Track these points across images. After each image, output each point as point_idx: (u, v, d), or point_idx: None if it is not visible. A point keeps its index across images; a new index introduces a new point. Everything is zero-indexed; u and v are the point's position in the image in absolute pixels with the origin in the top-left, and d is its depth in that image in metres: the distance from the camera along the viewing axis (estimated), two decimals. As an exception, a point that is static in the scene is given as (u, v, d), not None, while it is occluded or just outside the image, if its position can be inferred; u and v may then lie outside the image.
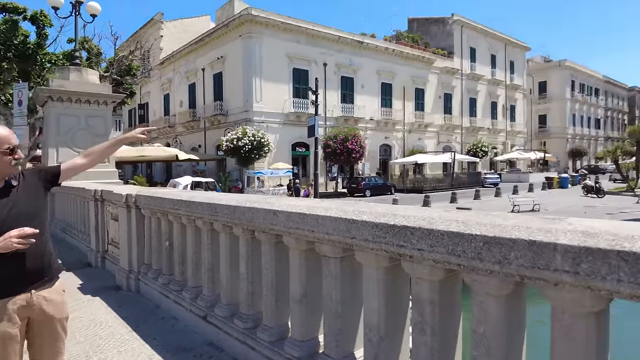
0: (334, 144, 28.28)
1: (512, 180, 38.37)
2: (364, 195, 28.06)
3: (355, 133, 29.12)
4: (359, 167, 33.25)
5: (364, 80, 34.56)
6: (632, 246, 1.10)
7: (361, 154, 29.33)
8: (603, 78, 67.06)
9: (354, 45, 33.80)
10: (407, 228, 1.64)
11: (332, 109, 32.36)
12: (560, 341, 1.35)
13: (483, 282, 1.46)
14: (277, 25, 29.59)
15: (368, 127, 34.71)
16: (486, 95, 46.62)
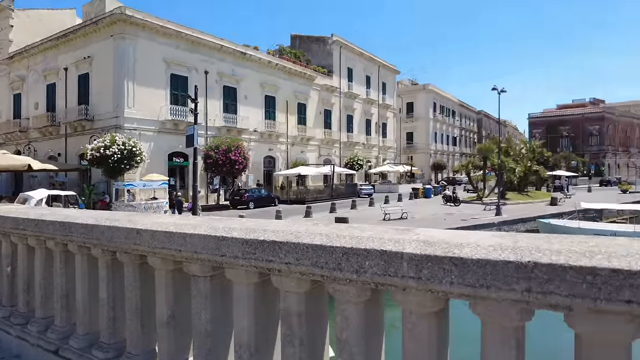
0: (215, 155, 27.55)
1: (384, 191, 41.80)
2: (247, 208, 27.80)
3: (238, 144, 28.81)
4: (242, 179, 32.87)
5: (248, 91, 34.52)
6: (460, 252, 1.28)
7: (245, 165, 29.09)
8: (458, 102, 77.43)
9: (237, 55, 33.60)
10: (275, 243, 1.67)
11: (214, 119, 31.58)
12: (408, 340, 1.50)
13: (344, 290, 1.55)
14: (155, 28, 27.96)
15: (252, 138, 34.66)
16: (362, 112, 50.22)
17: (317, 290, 1.78)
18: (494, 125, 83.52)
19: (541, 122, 79.29)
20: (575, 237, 1.37)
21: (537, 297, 1.20)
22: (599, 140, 73.21)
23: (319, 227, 1.74)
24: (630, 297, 1.10)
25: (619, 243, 1.25)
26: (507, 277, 1.22)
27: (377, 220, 21.56)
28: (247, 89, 34.44)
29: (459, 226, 19.66)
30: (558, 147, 70.79)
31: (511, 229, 22.24)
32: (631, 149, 79.14)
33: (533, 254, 1.22)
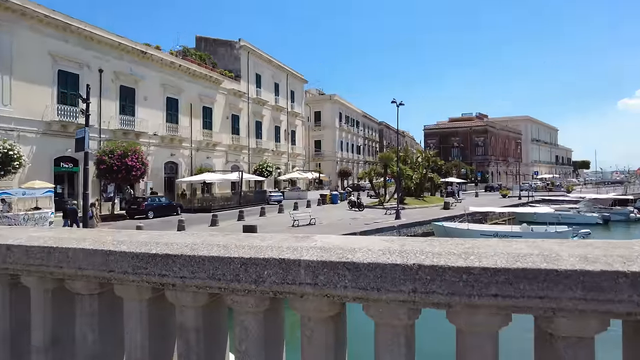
0: (110, 160, 25.42)
1: (293, 197, 42.22)
2: (146, 217, 26.06)
3: (136, 148, 26.93)
4: (140, 186, 30.75)
5: (148, 92, 32.50)
6: (353, 257, 1.34)
7: (143, 172, 27.26)
8: (362, 113, 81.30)
9: (136, 54, 31.50)
10: (169, 256, 1.58)
11: (109, 121, 29.18)
12: (307, 347, 1.52)
13: (242, 301, 1.53)
14: (38, 17, 25.05)
15: (152, 142, 32.65)
16: (271, 119, 50.25)
17: (215, 303, 1.73)
18: (393, 135, 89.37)
19: (435, 133, 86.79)
20: (454, 239, 1.51)
21: (421, 296, 1.30)
22: (484, 150, 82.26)
23: (217, 237, 1.70)
24: (496, 291, 1.24)
25: (489, 244, 1.42)
26: (395, 279, 1.30)
27: (286, 227, 21.66)
28: (147, 90, 32.42)
29: (362, 230, 20.59)
30: (450, 156, 78.06)
31: (409, 231, 23.89)
32: (509, 158, 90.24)
33: (417, 257, 1.32)
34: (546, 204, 38.51)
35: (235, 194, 37.06)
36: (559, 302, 1.21)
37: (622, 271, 1.17)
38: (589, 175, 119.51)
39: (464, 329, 1.39)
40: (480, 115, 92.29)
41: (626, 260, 1.20)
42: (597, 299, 1.18)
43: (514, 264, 1.24)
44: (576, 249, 1.31)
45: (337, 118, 69.01)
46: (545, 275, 1.21)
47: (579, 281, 1.19)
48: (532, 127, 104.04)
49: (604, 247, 1.32)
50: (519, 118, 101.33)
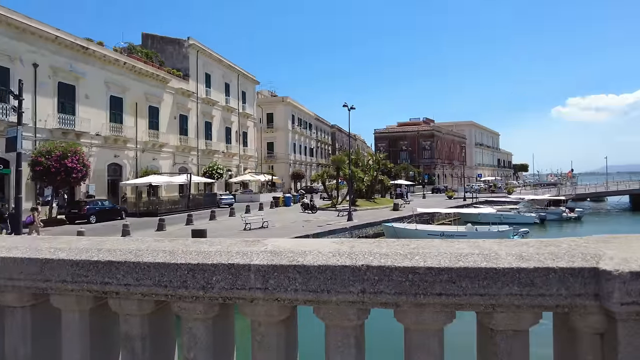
0: (47, 162, 23.80)
1: (245, 200, 41.60)
2: (88, 222, 24.66)
3: (77, 149, 25.42)
4: (82, 189, 29.07)
5: (90, 90, 30.80)
6: (304, 260, 1.35)
7: (84, 174, 25.77)
8: (314, 115, 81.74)
9: (76, 49, 29.77)
10: (112, 263, 1.51)
11: (46, 119, 27.35)
12: (258, 351, 1.51)
13: (190, 308, 1.49)
14: (-39, 6, 23.00)
15: (94, 143, 30.98)
16: (221, 120, 49.25)
17: (162, 310, 1.67)
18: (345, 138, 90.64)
19: (385, 137, 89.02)
20: (401, 240, 1.56)
21: (370, 297, 1.33)
22: (431, 154, 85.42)
23: (163, 243, 1.64)
24: (440, 290, 1.30)
25: (433, 244, 1.48)
26: (344, 280, 1.32)
27: (237, 231, 21.30)
28: (89, 88, 30.71)
29: (315, 232, 20.69)
30: (399, 159, 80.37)
31: (361, 232, 24.31)
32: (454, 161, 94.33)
33: (366, 258, 1.35)
34: (489, 204, 40.65)
35: (184, 197, 35.94)
36: (498, 298, 1.28)
37: (552, 267, 1.27)
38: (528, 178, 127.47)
39: (411, 327, 1.43)
40: (427, 120, 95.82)
41: (555, 257, 1.30)
42: (531, 294, 1.27)
43: (456, 263, 1.30)
44: (513, 248, 1.40)
45: (290, 120, 68.94)
46: (485, 273, 1.28)
47: (516, 278, 1.27)
48: (476, 131, 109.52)
49: (537, 246, 1.41)
50: (463, 123, 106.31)
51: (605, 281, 1.21)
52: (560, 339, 1.47)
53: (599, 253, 1.30)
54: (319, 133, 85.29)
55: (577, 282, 1.24)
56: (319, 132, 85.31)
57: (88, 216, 24.97)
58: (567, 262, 1.27)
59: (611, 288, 1.19)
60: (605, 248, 1.34)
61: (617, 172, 74.74)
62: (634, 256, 1.25)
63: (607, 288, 1.20)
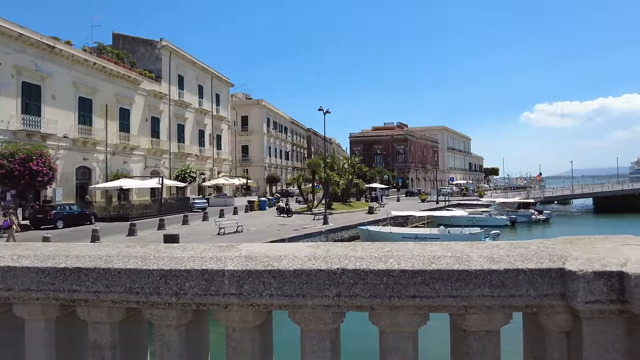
0: (10, 164, 22.85)
1: (219, 204, 41.07)
2: (55, 228, 23.79)
3: (42, 152, 24.52)
4: (48, 193, 28.04)
5: (57, 91, 29.80)
6: (279, 265, 1.34)
7: (51, 177, 24.87)
8: (290, 119, 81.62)
9: (42, 48, 28.77)
10: (81, 270, 1.46)
11: (9, 120, 26.28)
12: (232, 357, 1.48)
13: (162, 315, 1.45)
14: None
15: (61, 145, 29.97)
16: (194, 123, 48.52)
17: (133, 317, 1.62)
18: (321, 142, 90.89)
19: (360, 141, 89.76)
20: (375, 243, 1.57)
21: (345, 300, 1.34)
22: (404, 157, 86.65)
23: (134, 248, 1.60)
24: (414, 292, 1.32)
25: (407, 247, 1.49)
26: (320, 284, 1.32)
27: (211, 235, 20.99)
28: (56, 88, 29.71)
29: (291, 236, 20.62)
30: (373, 162, 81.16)
31: (337, 236, 24.38)
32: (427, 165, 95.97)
33: (341, 261, 1.36)
34: (461, 207, 41.51)
35: (155, 201, 35.16)
36: (470, 299, 1.31)
37: (521, 269, 1.30)
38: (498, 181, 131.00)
39: (386, 330, 1.44)
40: (400, 125, 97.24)
41: (524, 259, 1.33)
42: (502, 295, 1.30)
43: (429, 266, 1.32)
44: (484, 250, 1.43)
45: (265, 123, 68.59)
46: (458, 275, 1.31)
47: (487, 279, 1.30)
48: (448, 136, 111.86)
49: (507, 248, 1.45)
50: (436, 128, 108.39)
51: (571, 281, 1.25)
52: (530, 338, 1.52)
53: (565, 254, 1.35)
54: (295, 136, 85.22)
55: (545, 283, 1.28)
56: (295, 135, 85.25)
57: (55, 221, 24.07)
58: (536, 263, 1.31)
59: (576, 288, 1.24)
60: (570, 249, 1.39)
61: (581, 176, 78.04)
62: (597, 257, 1.30)
63: (572, 288, 1.25)
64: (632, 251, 1.34)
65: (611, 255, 1.30)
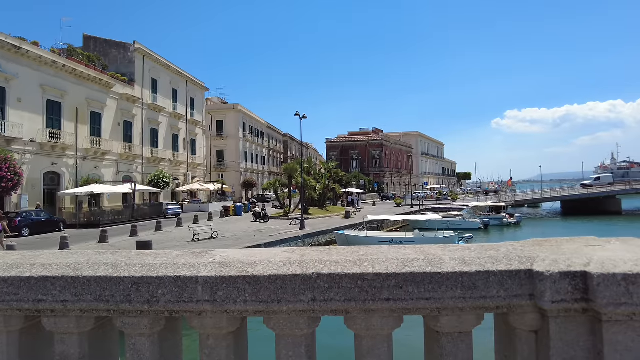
0: (-28, 170, 21.89)
1: (193, 210, 40.39)
2: (20, 235, 22.86)
3: (6, 156, 23.58)
4: (12, 200, 26.95)
5: (23, 93, 28.74)
6: (254, 270, 1.33)
7: (16, 183, 23.93)
8: (266, 123, 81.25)
9: (7, 48, 27.75)
10: (47, 279, 1.41)
11: (-28, 125, 25.18)
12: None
13: (134, 323, 1.42)
14: None
15: (27, 150, 28.89)
16: (168, 127, 47.69)
17: (104, 327, 1.58)
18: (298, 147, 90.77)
19: (336, 146, 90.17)
20: (350, 247, 1.58)
21: (321, 305, 1.34)
22: (380, 162, 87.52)
23: (104, 255, 1.56)
24: (388, 295, 1.33)
25: (381, 251, 1.51)
26: (295, 289, 1.32)
27: (185, 242, 20.61)
28: (22, 91, 28.65)
29: (267, 242, 20.46)
30: (350, 167, 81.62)
31: (313, 240, 24.34)
32: (402, 170, 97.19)
33: (317, 266, 1.36)
34: (435, 211, 42.19)
35: (128, 207, 34.27)
36: (443, 301, 1.34)
37: (492, 270, 1.34)
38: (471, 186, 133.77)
39: (361, 333, 1.45)
40: (376, 130, 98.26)
41: (495, 261, 1.37)
42: (474, 296, 1.33)
43: (403, 269, 1.34)
44: (456, 253, 1.46)
45: (241, 128, 68.06)
46: (431, 278, 1.33)
47: (459, 282, 1.33)
48: (422, 141, 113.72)
49: (478, 250, 1.49)
50: (410, 133, 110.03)
51: (539, 282, 1.29)
52: (500, 338, 1.55)
53: (533, 256, 1.39)
54: (271, 141, 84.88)
55: (515, 284, 1.32)
56: (271, 140, 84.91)
57: (20, 229, 23.11)
58: (506, 265, 1.35)
59: (544, 288, 1.28)
60: (539, 251, 1.44)
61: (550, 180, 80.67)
62: (563, 257, 1.35)
63: (540, 288, 1.29)
64: (595, 252, 1.39)
65: (576, 256, 1.35)
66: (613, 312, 1.24)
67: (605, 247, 1.47)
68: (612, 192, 56.21)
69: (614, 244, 1.50)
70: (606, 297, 1.22)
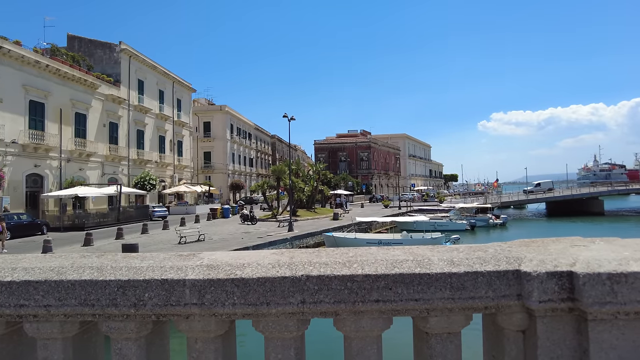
0: (-48, 172, 21.35)
1: (180, 212, 40.00)
2: (1, 238, 22.31)
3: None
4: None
5: (4, 93, 28.17)
6: (242, 273, 1.32)
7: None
8: (254, 125, 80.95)
9: (-11, 49, 27.18)
10: (29, 283, 1.38)
11: (-48, 126, 24.59)
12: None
13: (120, 327, 1.39)
14: None
15: (9, 151, 28.31)
16: (154, 128, 47.20)
17: (88, 331, 1.55)
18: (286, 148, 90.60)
19: (324, 148, 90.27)
20: (339, 249, 1.58)
21: (310, 307, 1.33)
22: (368, 164, 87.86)
23: (89, 259, 1.53)
24: (377, 297, 1.33)
25: (370, 252, 1.51)
26: (284, 291, 1.31)
27: (172, 244, 20.39)
28: (4, 91, 28.06)
29: (255, 244, 20.37)
30: (338, 169, 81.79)
31: (302, 242, 24.30)
32: (389, 172, 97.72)
33: (306, 268, 1.35)
34: (422, 213, 42.49)
35: (113, 210, 33.80)
36: (432, 302, 1.34)
37: (480, 271, 1.35)
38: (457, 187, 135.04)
39: (350, 335, 1.45)
40: (364, 132, 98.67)
41: (483, 262, 1.38)
42: (462, 297, 1.34)
43: (392, 270, 1.34)
44: (444, 254, 1.47)
45: (229, 129, 67.68)
46: (420, 279, 1.33)
47: (448, 282, 1.34)
48: (409, 143, 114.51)
49: (466, 251, 1.50)
50: (397, 135, 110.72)
51: (526, 282, 1.30)
52: (489, 338, 1.57)
53: (520, 256, 1.40)
54: (259, 143, 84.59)
55: (503, 284, 1.33)
56: (259, 142, 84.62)
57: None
58: (494, 265, 1.36)
59: (531, 288, 1.29)
60: (526, 251, 1.45)
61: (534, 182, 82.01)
62: (550, 258, 1.37)
63: (527, 288, 1.30)
64: (580, 252, 1.41)
65: (562, 256, 1.37)
66: (598, 311, 1.26)
67: (590, 247, 1.49)
68: (594, 193, 57.33)
69: (599, 244, 1.53)
70: (591, 297, 1.23)
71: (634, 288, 1.23)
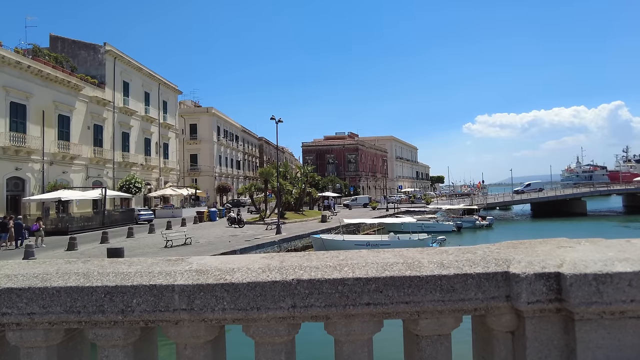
0: None
1: (166, 215, 39.54)
2: (-19, 243, 21.80)
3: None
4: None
5: (-15, 96, 27.55)
6: (232, 278, 1.30)
7: (-22, 190, 22.85)
8: (241, 127, 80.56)
9: (-32, 50, 26.55)
10: (12, 290, 1.34)
11: None
12: (183, 376, 1.42)
13: (107, 334, 1.37)
14: None
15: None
16: (140, 131, 46.65)
17: (74, 339, 1.51)
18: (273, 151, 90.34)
19: (312, 150, 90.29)
20: (330, 252, 1.58)
21: (301, 311, 1.33)
22: (356, 166, 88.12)
23: (75, 264, 1.49)
24: (368, 300, 1.33)
25: (361, 255, 1.51)
26: (275, 296, 1.30)
27: (158, 248, 20.14)
28: (-15, 93, 27.48)
29: (243, 247, 20.24)
30: (326, 171, 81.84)
31: (290, 245, 24.23)
32: (377, 174, 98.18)
33: (296, 272, 1.35)
34: (409, 214, 42.73)
35: (98, 213, 33.26)
36: (422, 305, 1.34)
37: (470, 273, 1.36)
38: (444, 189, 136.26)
39: (341, 338, 1.44)
40: (351, 134, 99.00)
41: (472, 264, 1.39)
42: (452, 299, 1.34)
43: (383, 273, 1.34)
44: (434, 256, 1.47)
45: (215, 132, 67.22)
46: (410, 281, 1.34)
47: (438, 285, 1.34)
48: (396, 146, 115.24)
49: (456, 253, 1.51)
50: (384, 137, 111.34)
51: (515, 283, 1.32)
52: (478, 340, 1.58)
53: (509, 258, 1.42)
54: (246, 145, 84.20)
55: (492, 286, 1.34)
56: (246, 144, 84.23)
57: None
58: (483, 267, 1.37)
59: (520, 289, 1.30)
60: (514, 253, 1.47)
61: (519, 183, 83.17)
62: (537, 259, 1.39)
63: (516, 289, 1.31)
64: (567, 253, 1.43)
65: (549, 258, 1.39)
66: (585, 311, 1.27)
67: (576, 248, 1.51)
68: (577, 194, 58.39)
69: (584, 245, 1.55)
70: (578, 297, 1.25)
71: (618, 288, 1.25)
